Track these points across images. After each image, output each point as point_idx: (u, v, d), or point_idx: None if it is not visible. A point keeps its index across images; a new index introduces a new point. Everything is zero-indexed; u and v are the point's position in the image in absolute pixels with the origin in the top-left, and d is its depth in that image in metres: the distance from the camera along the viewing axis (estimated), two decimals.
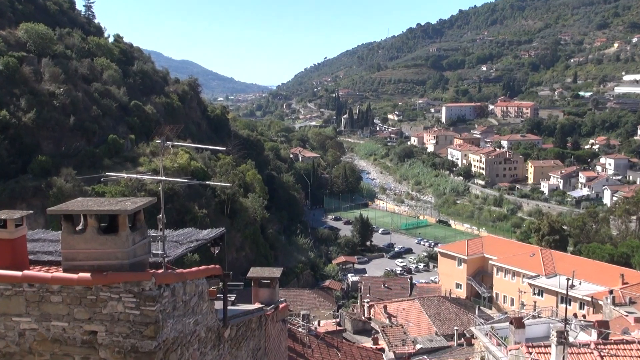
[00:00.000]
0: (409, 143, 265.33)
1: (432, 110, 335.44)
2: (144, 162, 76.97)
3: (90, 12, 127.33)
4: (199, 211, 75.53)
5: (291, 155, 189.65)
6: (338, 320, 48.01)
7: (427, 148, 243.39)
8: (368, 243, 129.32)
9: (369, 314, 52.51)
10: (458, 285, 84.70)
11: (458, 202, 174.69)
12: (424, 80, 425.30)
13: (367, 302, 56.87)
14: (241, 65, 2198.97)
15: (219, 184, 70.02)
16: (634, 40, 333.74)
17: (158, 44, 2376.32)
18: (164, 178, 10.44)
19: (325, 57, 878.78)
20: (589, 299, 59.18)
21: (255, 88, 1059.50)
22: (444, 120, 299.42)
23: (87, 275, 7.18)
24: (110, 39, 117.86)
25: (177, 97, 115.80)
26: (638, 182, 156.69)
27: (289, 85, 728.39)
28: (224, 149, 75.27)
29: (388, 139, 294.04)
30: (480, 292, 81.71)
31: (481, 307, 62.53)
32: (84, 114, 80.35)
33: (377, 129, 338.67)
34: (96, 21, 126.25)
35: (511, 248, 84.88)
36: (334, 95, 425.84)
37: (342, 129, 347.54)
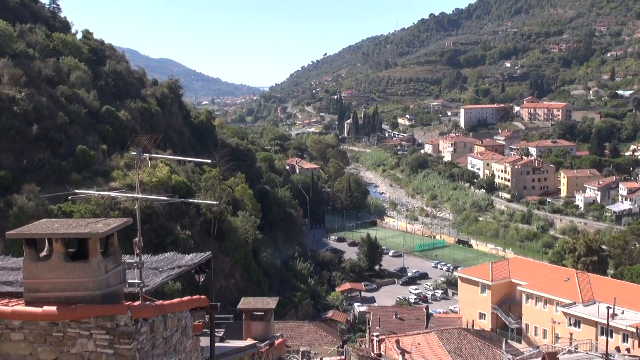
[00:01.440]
0: (422, 151, 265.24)
1: (449, 113, 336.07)
2: (118, 177, 76.97)
3: (55, 5, 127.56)
4: (181, 232, 75.41)
5: (287, 167, 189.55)
6: (343, 357, 47.77)
7: (443, 157, 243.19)
8: (377, 267, 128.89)
9: (379, 349, 52.24)
10: (482, 316, 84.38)
11: (480, 218, 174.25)
12: (439, 79, 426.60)
13: (377, 336, 56.60)
14: (229, 64, 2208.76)
15: (205, 201, 69.90)
16: None
17: (133, 40, 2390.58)
18: (140, 195, 10.44)
19: (325, 54, 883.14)
20: (634, 330, 58.92)
21: (245, 90, 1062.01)
22: (462, 124, 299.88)
23: (53, 308, 7.15)
24: (79, 36, 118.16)
25: (156, 101, 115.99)
26: None
27: (284, 86, 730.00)
28: (210, 161, 75.16)
29: (398, 147, 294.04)
30: (507, 323, 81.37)
31: (509, 341, 62.32)
32: (49, 122, 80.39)
33: (386, 135, 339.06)
34: (62, 15, 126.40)
35: (542, 272, 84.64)
36: (335, 97, 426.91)
37: (346, 135, 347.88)
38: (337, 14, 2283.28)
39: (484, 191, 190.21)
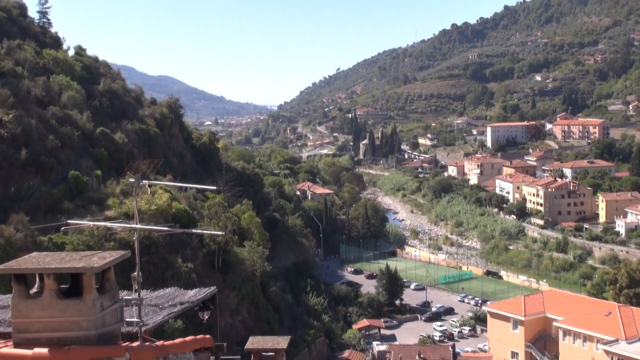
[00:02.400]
0: (446, 174, 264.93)
1: (474, 132, 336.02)
2: (114, 205, 77.11)
3: (45, 20, 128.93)
4: (182, 265, 75.35)
5: (298, 193, 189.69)
6: None
7: (469, 180, 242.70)
8: (397, 302, 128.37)
9: None
10: (514, 355, 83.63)
11: (511, 247, 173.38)
12: (463, 95, 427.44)
13: None
14: (233, 81, 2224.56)
15: (209, 231, 69.91)
16: None
17: (129, 57, 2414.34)
18: (139, 226, 10.46)
19: (338, 69, 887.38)
20: None
21: (251, 109, 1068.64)
22: (489, 144, 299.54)
23: (45, 350, 7.15)
24: (71, 52, 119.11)
25: (154, 122, 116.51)
26: None
27: (294, 105, 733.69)
28: (214, 187, 75.30)
29: (419, 170, 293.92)
30: None
31: None
32: (39, 146, 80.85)
33: (406, 157, 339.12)
34: (53, 30, 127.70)
35: (581, 305, 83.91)
36: (350, 115, 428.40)
37: (362, 157, 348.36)
38: (351, 25, 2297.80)
39: (515, 217, 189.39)
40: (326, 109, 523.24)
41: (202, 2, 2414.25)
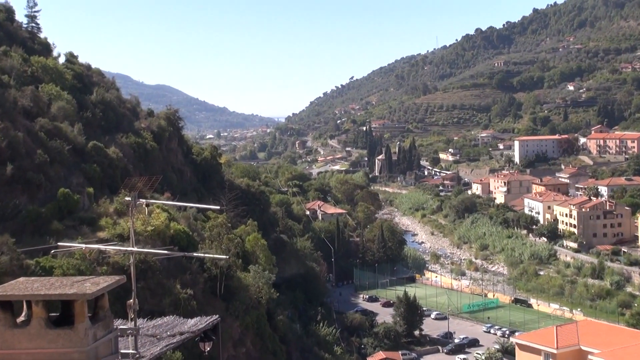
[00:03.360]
0: (469, 192, 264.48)
1: (501, 146, 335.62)
2: (107, 226, 77.20)
3: (34, 25, 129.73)
4: (182, 292, 75.29)
5: (307, 213, 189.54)
6: None
7: (495, 199, 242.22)
8: (417, 332, 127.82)
9: None
10: None
11: (541, 273, 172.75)
12: (488, 106, 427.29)
13: None
14: (237, 90, 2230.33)
15: (211, 255, 69.87)
16: None
17: (124, 65, 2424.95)
18: (135, 249, 10.48)
19: (352, 77, 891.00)
20: None
21: (256, 121, 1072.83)
22: (517, 159, 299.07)
23: None
24: (61, 59, 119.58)
25: (152, 135, 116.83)
26: None
27: (303, 117, 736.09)
28: (217, 207, 75.39)
29: (440, 188, 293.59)
30: None
31: None
32: (26, 161, 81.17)
33: (425, 173, 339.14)
34: (42, 36, 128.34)
35: (619, 337, 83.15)
36: (364, 128, 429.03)
37: (377, 174, 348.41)
38: (365, 30, 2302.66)
39: (545, 240, 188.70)
40: (338, 121, 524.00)
41: (202, 6, 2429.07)
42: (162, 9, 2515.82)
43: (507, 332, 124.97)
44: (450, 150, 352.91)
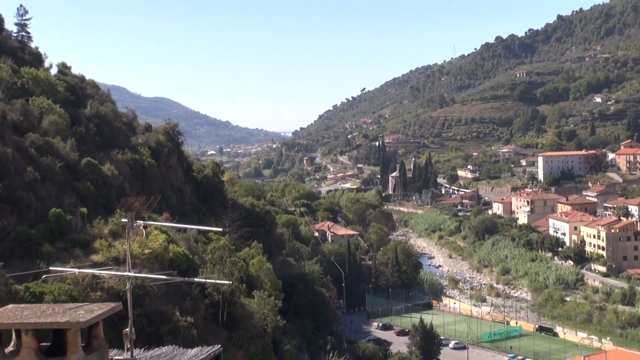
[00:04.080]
0: (490, 212, 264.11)
1: (523, 162, 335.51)
2: (102, 249, 77.22)
3: (25, 33, 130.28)
4: (181, 319, 75.19)
5: (316, 234, 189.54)
6: None
7: (517, 219, 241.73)
8: None
9: None
10: None
11: (567, 298, 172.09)
12: (510, 119, 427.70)
13: None
14: (241, 103, 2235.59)
15: (212, 280, 69.87)
16: None
17: (121, 76, 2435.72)
18: (132, 273, 10.49)
19: (363, 89, 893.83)
20: None
21: (261, 136, 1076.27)
22: (541, 177, 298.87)
23: None
24: (53, 70, 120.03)
25: (149, 151, 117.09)
26: None
27: (311, 131, 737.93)
28: (220, 229, 75.45)
29: (459, 207, 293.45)
30: None
31: None
32: (15, 179, 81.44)
33: (443, 192, 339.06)
34: (33, 45, 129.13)
35: None
36: (377, 143, 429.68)
37: (391, 193, 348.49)
38: (378, 39, 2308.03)
39: (572, 263, 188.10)
40: (349, 136, 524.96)
41: (203, 15, 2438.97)
42: (160, 17, 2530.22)
43: None
44: (469, 166, 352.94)
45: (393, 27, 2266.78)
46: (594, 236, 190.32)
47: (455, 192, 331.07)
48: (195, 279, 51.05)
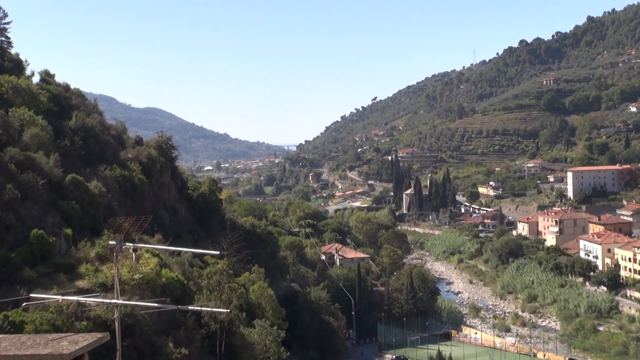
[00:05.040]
0: (514, 233, 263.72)
1: (551, 178, 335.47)
2: (88, 274, 77.34)
3: (4, 39, 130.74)
4: (175, 351, 75.20)
5: (323, 257, 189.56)
6: None
7: (544, 240, 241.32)
8: None
9: None
10: None
11: (601, 328, 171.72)
12: (536, 131, 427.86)
13: None
14: (240, 114, 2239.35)
15: (208, 308, 69.84)
16: None
17: (109, 85, 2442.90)
18: (120, 301, 10.50)
19: (375, 99, 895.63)
20: None
21: (263, 150, 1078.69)
22: (570, 194, 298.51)
23: None
24: (36, 79, 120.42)
25: (140, 166, 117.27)
26: None
27: (317, 144, 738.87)
28: (217, 252, 75.52)
29: (480, 227, 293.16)
30: None
31: None
32: None
33: (462, 210, 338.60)
34: (14, 51, 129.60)
35: None
36: (389, 158, 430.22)
37: (405, 212, 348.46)
38: (390, 43, 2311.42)
39: (605, 289, 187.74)
40: (359, 150, 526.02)
41: (199, 20, 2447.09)
42: (151, 22, 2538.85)
43: None
44: (491, 183, 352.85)
45: (407, 29, 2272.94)
46: (630, 259, 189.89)
47: (476, 211, 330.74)
48: (190, 307, 50.89)
